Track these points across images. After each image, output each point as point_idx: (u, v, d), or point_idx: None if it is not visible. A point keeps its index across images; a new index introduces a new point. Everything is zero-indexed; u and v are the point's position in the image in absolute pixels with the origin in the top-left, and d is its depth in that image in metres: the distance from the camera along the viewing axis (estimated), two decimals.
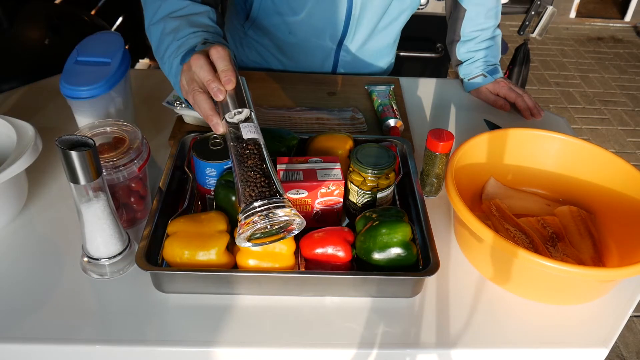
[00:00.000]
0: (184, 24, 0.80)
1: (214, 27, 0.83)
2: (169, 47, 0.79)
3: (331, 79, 1.17)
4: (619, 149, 2.76)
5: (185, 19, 0.81)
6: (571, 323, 0.71)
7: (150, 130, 0.99)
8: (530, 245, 0.77)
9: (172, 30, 0.80)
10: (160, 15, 0.82)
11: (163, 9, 0.82)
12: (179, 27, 0.80)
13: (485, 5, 1.13)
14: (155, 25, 0.83)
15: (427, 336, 0.68)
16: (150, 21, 0.84)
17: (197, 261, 0.68)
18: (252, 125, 0.67)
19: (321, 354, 0.67)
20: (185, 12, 0.82)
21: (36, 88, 1.11)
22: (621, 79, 3.42)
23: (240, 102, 0.67)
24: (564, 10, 4.15)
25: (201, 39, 0.77)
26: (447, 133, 0.83)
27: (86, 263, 0.72)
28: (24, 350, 0.65)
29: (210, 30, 0.81)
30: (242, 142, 0.65)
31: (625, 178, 0.82)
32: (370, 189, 0.77)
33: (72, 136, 0.62)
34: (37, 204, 0.84)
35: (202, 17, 0.82)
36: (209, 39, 0.78)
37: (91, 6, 1.91)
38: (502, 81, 1.14)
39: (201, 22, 0.82)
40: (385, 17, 1.12)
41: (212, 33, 0.80)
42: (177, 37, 0.78)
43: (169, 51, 0.79)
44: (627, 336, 1.78)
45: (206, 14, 0.83)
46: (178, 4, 0.82)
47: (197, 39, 0.77)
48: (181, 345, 0.65)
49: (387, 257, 0.69)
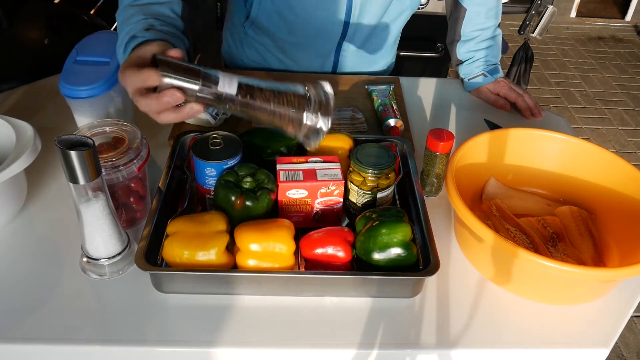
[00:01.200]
0: (139, 12, 0.78)
1: (171, 19, 0.80)
2: (120, 35, 0.77)
3: (331, 79, 1.17)
4: (620, 149, 2.76)
5: (143, 8, 0.79)
6: (571, 323, 0.71)
7: (149, 130, 0.99)
8: (530, 245, 0.77)
9: (127, 18, 0.78)
10: (124, 3, 0.81)
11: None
12: (133, 14, 0.77)
13: (486, 4, 1.13)
14: (118, 16, 0.81)
15: (427, 336, 0.68)
16: (117, 12, 0.82)
17: (196, 261, 0.67)
18: (222, 79, 0.65)
19: (321, 354, 0.67)
20: (147, 1, 0.80)
21: (35, 88, 1.11)
22: (622, 78, 3.42)
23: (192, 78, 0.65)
24: (565, 9, 4.15)
25: (146, 25, 0.75)
26: (447, 133, 0.83)
27: (86, 263, 0.72)
28: (24, 350, 0.65)
29: (165, 20, 0.78)
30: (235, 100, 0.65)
31: (625, 178, 0.82)
32: (370, 189, 0.77)
33: (72, 136, 0.61)
34: (36, 204, 0.84)
35: (162, 7, 0.80)
36: (155, 26, 0.76)
37: (91, 6, 1.91)
38: (502, 81, 1.14)
39: (157, 10, 0.79)
40: (385, 17, 1.12)
41: (163, 22, 0.78)
42: (128, 23, 0.76)
43: (119, 39, 0.77)
44: (628, 336, 1.78)
45: (168, 5, 0.81)
46: None
47: (141, 25, 0.75)
48: (181, 346, 0.65)
49: (387, 257, 0.69)
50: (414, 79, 1.23)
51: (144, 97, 0.66)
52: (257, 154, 0.82)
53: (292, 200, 0.75)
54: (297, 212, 0.77)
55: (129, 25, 0.76)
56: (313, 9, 1.06)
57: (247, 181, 0.74)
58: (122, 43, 0.76)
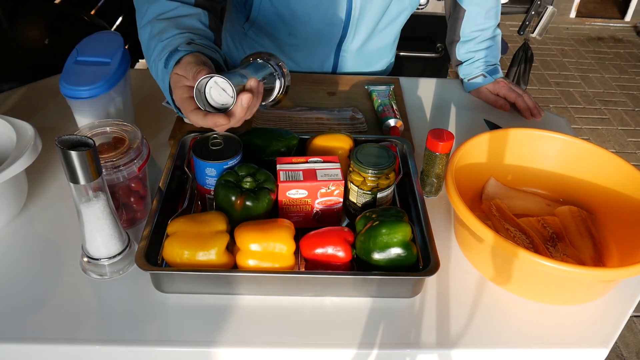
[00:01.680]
0: (170, 25, 0.77)
1: (203, 31, 0.80)
2: (155, 50, 0.76)
3: (331, 79, 1.17)
4: (619, 149, 2.76)
5: (173, 21, 0.78)
6: (571, 323, 0.71)
7: (150, 130, 0.99)
8: (530, 246, 0.77)
9: (158, 33, 0.77)
10: (148, 17, 0.80)
11: (151, 11, 0.80)
12: (165, 28, 0.77)
13: (485, 5, 1.13)
14: (143, 28, 0.80)
15: (427, 336, 0.68)
16: (140, 24, 0.82)
17: (196, 261, 0.67)
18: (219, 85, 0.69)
19: (321, 354, 0.67)
20: (174, 14, 0.79)
21: (36, 88, 1.11)
22: (621, 78, 3.42)
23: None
24: (564, 10, 4.15)
25: (186, 39, 0.75)
26: (447, 133, 0.83)
27: (86, 263, 0.72)
28: (24, 350, 0.65)
29: (199, 33, 0.78)
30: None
31: (625, 178, 0.82)
32: (370, 189, 0.77)
33: (72, 136, 0.62)
34: (36, 204, 0.84)
35: (191, 19, 0.80)
36: (195, 40, 0.76)
37: (91, 6, 1.91)
38: (502, 81, 1.14)
39: (189, 24, 0.79)
40: (385, 17, 1.12)
41: (200, 36, 0.78)
42: (162, 38, 0.76)
43: (155, 54, 0.76)
44: (627, 336, 1.78)
45: (196, 16, 0.81)
46: (167, 6, 0.80)
47: (181, 39, 0.75)
48: (181, 345, 0.65)
49: (387, 257, 0.69)
50: (414, 79, 1.23)
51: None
52: (257, 154, 0.82)
53: (292, 200, 0.76)
54: (297, 212, 0.77)
55: (164, 39, 0.76)
56: (313, 10, 1.06)
57: (247, 181, 0.74)
58: (160, 57, 0.75)
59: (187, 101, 0.70)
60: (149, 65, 0.80)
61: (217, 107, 0.70)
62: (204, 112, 0.69)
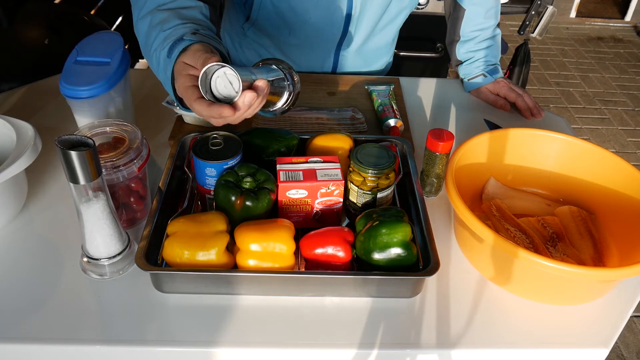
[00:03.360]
0: (173, 16, 0.76)
1: (205, 22, 0.78)
2: (156, 40, 0.74)
3: (331, 78, 1.17)
4: (619, 149, 2.76)
5: (174, 12, 0.77)
6: (571, 323, 0.71)
7: (150, 130, 0.99)
8: (530, 246, 0.77)
9: (159, 22, 0.75)
10: (148, 8, 0.78)
11: (151, 2, 0.78)
12: (166, 18, 0.75)
13: (485, 5, 1.13)
14: (142, 20, 0.78)
15: (427, 336, 0.68)
16: (138, 16, 0.80)
17: (197, 261, 0.67)
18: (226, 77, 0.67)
19: (321, 354, 0.67)
20: (175, 5, 0.78)
21: (36, 88, 1.11)
22: (621, 78, 3.42)
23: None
24: (564, 10, 4.15)
25: (190, 29, 0.73)
26: (447, 133, 0.83)
27: (86, 263, 0.72)
28: (24, 350, 0.65)
29: (202, 24, 0.77)
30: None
31: (625, 178, 0.82)
32: (370, 189, 0.77)
33: (72, 136, 0.62)
34: (36, 204, 0.84)
35: (192, 11, 0.78)
36: (200, 30, 0.74)
37: (91, 6, 1.91)
38: (502, 81, 1.14)
39: (191, 15, 0.77)
40: (385, 16, 1.12)
41: (203, 27, 0.76)
42: (164, 28, 0.74)
43: (156, 44, 0.74)
44: (627, 336, 1.78)
45: (198, 8, 0.79)
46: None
47: (185, 29, 0.73)
48: (181, 345, 0.65)
49: (387, 257, 0.69)
50: (414, 79, 1.23)
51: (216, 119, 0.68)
52: (257, 154, 0.82)
53: (292, 200, 0.76)
54: (297, 212, 0.77)
55: (166, 29, 0.74)
56: (313, 9, 1.06)
57: (247, 181, 0.74)
58: (163, 46, 0.73)
59: (191, 89, 0.67)
60: (148, 56, 0.78)
61: (219, 98, 0.68)
62: (209, 102, 0.66)
